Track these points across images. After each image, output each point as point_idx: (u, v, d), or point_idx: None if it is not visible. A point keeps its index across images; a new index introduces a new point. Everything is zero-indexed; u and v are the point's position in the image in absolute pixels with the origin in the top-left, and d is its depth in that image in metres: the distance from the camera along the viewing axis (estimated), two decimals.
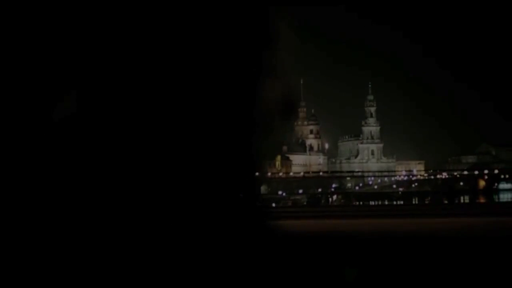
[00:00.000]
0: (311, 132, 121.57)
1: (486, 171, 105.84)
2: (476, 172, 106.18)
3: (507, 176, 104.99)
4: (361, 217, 27.51)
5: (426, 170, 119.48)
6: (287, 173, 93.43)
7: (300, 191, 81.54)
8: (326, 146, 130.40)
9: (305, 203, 71.62)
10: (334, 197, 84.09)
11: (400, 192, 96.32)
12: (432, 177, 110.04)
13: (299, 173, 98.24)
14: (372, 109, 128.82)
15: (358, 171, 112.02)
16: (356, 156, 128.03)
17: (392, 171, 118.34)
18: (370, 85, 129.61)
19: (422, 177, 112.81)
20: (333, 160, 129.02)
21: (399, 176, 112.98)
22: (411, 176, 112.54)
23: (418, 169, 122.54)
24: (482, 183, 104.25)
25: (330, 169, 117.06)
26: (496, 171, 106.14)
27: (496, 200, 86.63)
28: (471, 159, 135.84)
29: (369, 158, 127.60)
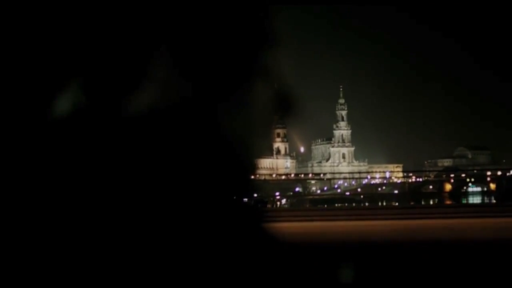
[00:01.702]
0: (278, 135, 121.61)
1: (452, 175, 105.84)
2: (444, 176, 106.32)
3: (473, 179, 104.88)
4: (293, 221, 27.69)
5: (405, 172, 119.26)
6: None
7: (255, 195, 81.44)
8: (302, 149, 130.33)
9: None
10: (283, 201, 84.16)
11: (362, 196, 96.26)
12: (410, 180, 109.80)
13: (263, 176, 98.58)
14: (343, 113, 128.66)
15: (322, 173, 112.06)
16: (327, 160, 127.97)
17: (363, 172, 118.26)
18: (341, 89, 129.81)
19: (396, 180, 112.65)
20: (306, 163, 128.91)
21: (369, 178, 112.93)
22: (382, 180, 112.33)
23: (394, 172, 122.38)
24: (448, 186, 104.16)
25: (299, 173, 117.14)
26: (463, 175, 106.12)
27: (464, 202, 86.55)
28: (447, 162, 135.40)
29: (340, 162, 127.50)
